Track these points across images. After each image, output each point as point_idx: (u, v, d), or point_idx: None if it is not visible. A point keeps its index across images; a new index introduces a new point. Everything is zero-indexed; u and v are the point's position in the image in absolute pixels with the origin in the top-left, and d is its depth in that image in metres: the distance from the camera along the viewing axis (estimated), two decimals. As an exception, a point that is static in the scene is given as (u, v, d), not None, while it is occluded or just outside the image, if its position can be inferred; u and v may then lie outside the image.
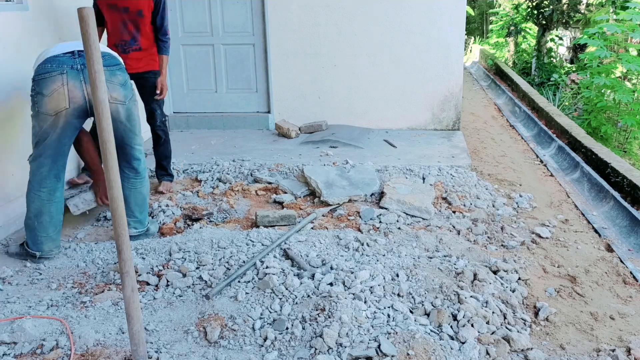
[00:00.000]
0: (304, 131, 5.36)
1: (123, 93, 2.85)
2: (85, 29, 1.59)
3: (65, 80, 2.67)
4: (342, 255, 2.82)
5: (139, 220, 3.14)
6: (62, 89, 2.67)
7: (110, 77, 2.75)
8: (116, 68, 2.84)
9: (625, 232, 3.27)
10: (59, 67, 2.68)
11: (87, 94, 2.72)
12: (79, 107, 2.74)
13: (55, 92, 2.67)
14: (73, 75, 2.69)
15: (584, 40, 7.51)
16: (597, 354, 2.10)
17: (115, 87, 2.80)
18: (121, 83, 2.84)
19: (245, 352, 2.08)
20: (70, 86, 2.68)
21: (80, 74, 2.70)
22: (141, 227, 3.15)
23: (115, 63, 2.85)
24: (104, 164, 1.72)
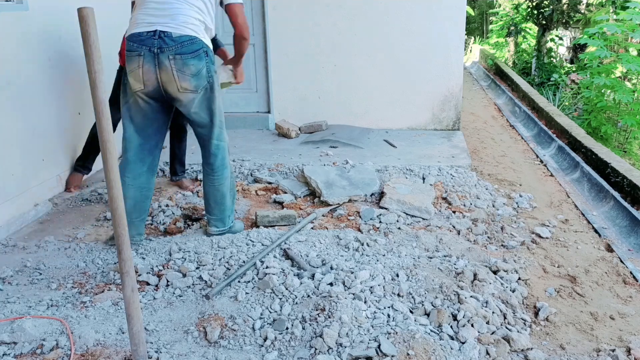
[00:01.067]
0: (304, 131, 5.36)
1: (195, 83, 2.71)
2: (85, 29, 1.59)
3: (141, 62, 2.63)
4: (342, 255, 2.82)
5: (220, 219, 3.03)
6: (138, 70, 2.64)
7: (182, 67, 2.65)
8: (191, 56, 2.66)
9: (625, 232, 3.27)
10: (139, 48, 2.62)
11: (160, 79, 2.66)
12: (155, 90, 2.70)
13: (133, 71, 2.66)
14: (149, 59, 2.62)
15: (584, 40, 7.51)
16: (597, 354, 2.10)
17: (185, 78, 2.68)
18: (193, 73, 2.69)
19: (245, 352, 2.08)
20: (145, 69, 2.64)
21: (155, 59, 2.62)
22: (222, 226, 3.05)
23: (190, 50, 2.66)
24: (104, 164, 1.72)
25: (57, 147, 3.87)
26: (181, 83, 2.66)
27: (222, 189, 2.99)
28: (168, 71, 2.63)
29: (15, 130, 3.40)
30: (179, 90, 2.68)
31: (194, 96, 2.74)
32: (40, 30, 3.65)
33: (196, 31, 2.68)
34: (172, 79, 2.64)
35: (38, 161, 3.64)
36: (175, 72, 2.63)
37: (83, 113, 4.16)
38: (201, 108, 2.80)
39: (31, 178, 3.56)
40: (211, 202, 3.01)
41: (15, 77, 3.40)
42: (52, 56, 3.77)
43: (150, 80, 2.66)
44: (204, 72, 2.71)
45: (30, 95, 3.56)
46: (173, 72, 2.63)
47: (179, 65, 2.62)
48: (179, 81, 2.65)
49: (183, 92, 2.69)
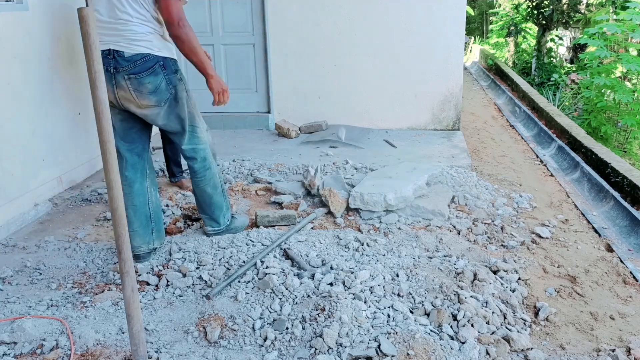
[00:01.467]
0: (304, 131, 5.36)
1: (155, 99, 2.63)
2: (85, 29, 1.59)
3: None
4: (342, 255, 2.82)
5: (212, 219, 3.01)
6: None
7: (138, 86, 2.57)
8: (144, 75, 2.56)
9: (625, 232, 3.27)
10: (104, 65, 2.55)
11: (118, 98, 2.60)
12: (120, 106, 2.65)
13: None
14: (107, 78, 2.49)
15: (584, 40, 7.52)
16: (597, 354, 2.10)
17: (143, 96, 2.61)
18: (151, 90, 2.60)
19: (245, 352, 2.08)
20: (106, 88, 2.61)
21: (112, 78, 2.54)
22: (217, 226, 3.02)
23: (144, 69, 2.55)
24: (104, 164, 1.72)
25: (57, 147, 3.86)
26: (141, 101, 2.60)
27: (207, 189, 2.96)
28: (126, 90, 2.57)
29: (15, 131, 3.40)
30: (140, 107, 2.63)
31: (158, 110, 2.66)
32: (40, 30, 3.65)
33: (148, 46, 2.53)
34: (131, 98, 2.59)
35: (38, 161, 3.64)
36: (133, 92, 2.57)
37: (83, 113, 4.16)
38: (169, 119, 2.72)
39: (31, 178, 3.56)
40: (200, 203, 3.00)
41: (15, 77, 3.40)
42: (52, 56, 3.77)
43: (111, 97, 2.59)
44: (163, 85, 2.62)
45: (30, 95, 3.56)
46: (130, 91, 2.57)
47: (135, 85, 2.55)
48: (138, 99, 2.59)
49: (145, 108, 2.64)
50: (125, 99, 2.60)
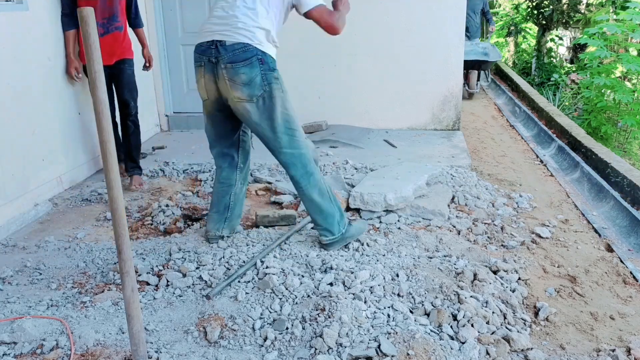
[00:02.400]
0: (304, 131, 5.35)
1: (247, 92, 2.60)
2: (86, 28, 1.58)
3: (203, 72, 2.65)
4: (342, 255, 2.82)
5: (325, 228, 2.82)
6: (201, 81, 2.68)
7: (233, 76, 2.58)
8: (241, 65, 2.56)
9: (625, 232, 3.27)
10: (200, 59, 2.64)
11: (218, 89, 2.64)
12: (217, 100, 2.71)
13: (198, 82, 2.71)
14: (209, 69, 2.61)
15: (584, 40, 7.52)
16: (597, 354, 2.10)
17: (236, 87, 2.60)
18: (244, 82, 2.58)
19: (245, 352, 2.08)
20: (206, 79, 2.65)
21: (214, 68, 2.59)
22: (331, 235, 2.83)
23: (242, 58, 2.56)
24: (104, 164, 1.72)
25: (57, 147, 3.87)
26: (234, 92, 2.59)
27: (314, 197, 2.79)
28: (223, 81, 2.60)
29: (15, 131, 3.40)
30: (233, 100, 2.62)
31: (250, 106, 2.62)
32: (40, 30, 3.65)
33: (251, 38, 2.56)
34: (227, 89, 2.61)
35: (38, 161, 3.64)
36: (227, 82, 2.58)
37: (83, 113, 4.16)
38: (261, 119, 2.65)
39: (31, 178, 3.56)
40: (311, 214, 2.85)
41: (15, 77, 3.40)
42: (52, 56, 3.77)
43: (211, 90, 2.66)
44: (258, 80, 2.58)
45: (30, 95, 3.56)
46: (226, 81, 2.58)
47: (230, 74, 2.56)
48: (232, 90, 2.59)
49: (238, 102, 2.62)
50: (223, 90, 2.63)
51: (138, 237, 3.18)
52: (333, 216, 2.82)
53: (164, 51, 5.63)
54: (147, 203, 3.70)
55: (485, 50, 8.00)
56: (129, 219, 3.45)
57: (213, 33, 2.61)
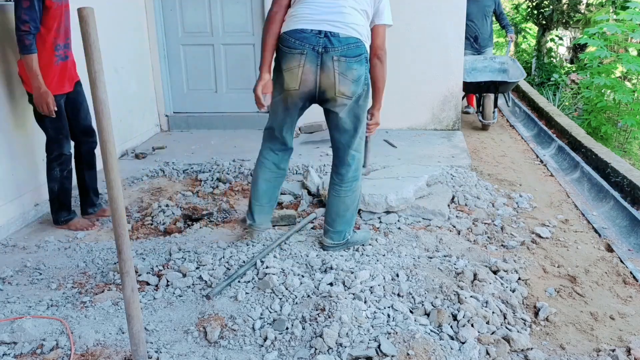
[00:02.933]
0: (304, 131, 5.35)
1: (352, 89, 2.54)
2: (86, 28, 1.59)
3: (303, 61, 2.48)
4: (342, 255, 2.82)
5: (338, 232, 2.81)
6: (297, 70, 2.50)
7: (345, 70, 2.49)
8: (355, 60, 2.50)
9: (625, 232, 3.27)
10: (301, 46, 2.47)
11: (319, 81, 2.51)
12: (309, 92, 2.56)
13: (290, 70, 2.51)
14: (312, 58, 2.47)
15: (584, 40, 7.52)
16: (597, 354, 2.10)
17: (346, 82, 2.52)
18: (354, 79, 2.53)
19: (245, 352, 2.08)
20: (306, 69, 2.49)
21: (318, 59, 2.47)
22: (338, 240, 2.83)
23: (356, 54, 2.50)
24: (104, 164, 1.72)
25: (57, 147, 3.86)
26: (340, 87, 2.50)
27: (347, 201, 2.79)
28: (330, 73, 2.48)
29: (15, 131, 3.40)
30: (335, 95, 2.53)
31: (348, 103, 2.57)
32: (40, 30, 3.64)
33: (362, 33, 2.52)
34: (332, 83, 2.49)
35: (38, 161, 3.63)
36: (337, 75, 2.48)
37: (83, 113, 4.15)
38: (349, 116, 2.63)
39: (31, 178, 3.55)
40: (333, 214, 2.80)
41: (15, 77, 3.40)
42: (52, 56, 3.76)
43: (308, 80, 2.51)
44: (362, 78, 2.55)
45: (30, 95, 3.55)
46: (335, 74, 2.48)
47: (342, 68, 2.47)
48: (339, 85, 2.50)
49: (339, 97, 2.54)
50: (326, 83, 2.50)
51: (138, 237, 3.18)
52: (350, 225, 2.85)
53: (164, 51, 5.63)
54: (147, 203, 3.70)
55: (503, 66, 6.15)
56: (129, 219, 3.45)
57: (320, 22, 2.47)
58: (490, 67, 6.15)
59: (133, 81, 5.12)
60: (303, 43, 2.46)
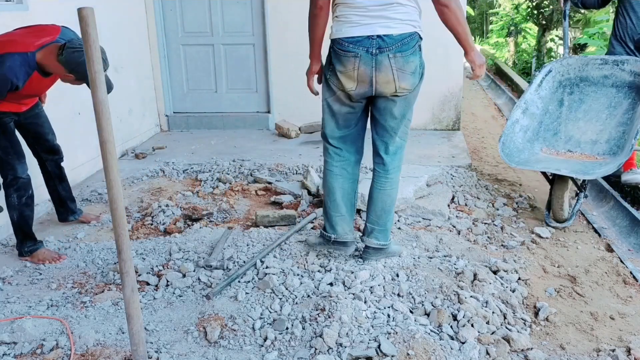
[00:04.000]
0: (304, 131, 5.36)
1: (412, 81, 2.48)
2: (86, 29, 1.58)
3: (357, 63, 2.43)
4: (341, 255, 2.82)
5: (383, 231, 2.67)
6: (353, 72, 2.45)
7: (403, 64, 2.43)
8: (409, 52, 2.43)
9: (625, 232, 3.26)
10: (355, 49, 2.42)
11: (375, 81, 2.44)
12: (365, 92, 2.51)
13: (347, 72, 2.47)
14: (366, 60, 2.41)
15: (584, 40, 7.52)
16: (597, 354, 2.10)
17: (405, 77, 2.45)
18: (412, 71, 2.46)
19: (245, 352, 2.08)
20: (361, 71, 2.43)
21: (373, 59, 2.41)
22: (384, 240, 2.69)
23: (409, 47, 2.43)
24: (104, 164, 1.72)
25: (57, 147, 3.86)
26: (401, 82, 2.44)
27: (392, 194, 2.66)
28: (387, 71, 2.42)
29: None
30: (396, 91, 2.47)
31: (409, 95, 2.52)
32: (40, 30, 3.64)
33: (415, 25, 2.44)
34: (391, 80, 2.43)
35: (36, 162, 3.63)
36: (396, 72, 2.42)
37: (83, 113, 4.16)
38: (403, 104, 2.56)
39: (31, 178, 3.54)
40: (378, 210, 2.66)
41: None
42: (52, 56, 3.76)
43: (364, 82, 2.46)
44: (419, 68, 2.49)
45: (30, 95, 3.55)
46: (393, 71, 2.42)
47: (399, 64, 2.41)
48: (399, 81, 2.44)
49: (401, 92, 2.48)
50: (384, 82, 2.44)
51: (138, 237, 3.18)
52: (392, 222, 2.72)
53: (164, 51, 5.64)
54: (147, 203, 3.70)
55: None
56: (129, 219, 3.45)
57: (371, 25, 2.42)
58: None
59: (133, 81, 5.13)
60: (356, 46, 2.42)
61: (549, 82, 3.65)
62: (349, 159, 2.71)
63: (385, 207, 2.67)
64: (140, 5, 5.32)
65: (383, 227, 2.69)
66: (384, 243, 2.70)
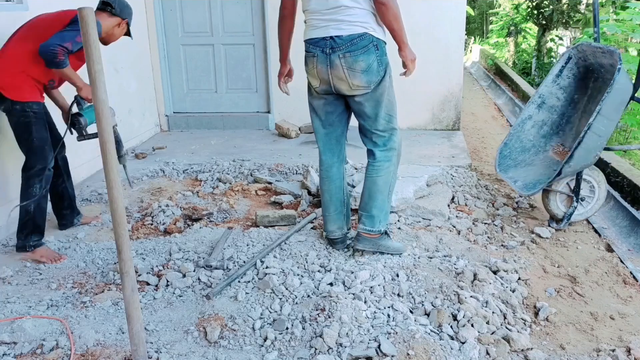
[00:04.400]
0: (304, 131, 5.36)
1: (366, 79, 2.62)
2: (86, 28, 1.59)
3: (315, 62, 2.67)
4: (342, 255, 2.82)
5: (369, 216, 2.78)
6: (313, 70, 2.70)
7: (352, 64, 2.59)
8: (359, 52, 2.58)
9: (625, 232, 3.27)
10: (313, 49, 2.67)
11: (332, 79, 2.65)
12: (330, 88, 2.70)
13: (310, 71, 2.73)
14: (322, 59, 2.63)
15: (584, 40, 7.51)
16: (597, 354, 2.10)
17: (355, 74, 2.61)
18: (363, 69, 2.61)
19: (245, 352, 2.08)
20: (319, 69, 2.66)
21: (327, 59, 2.61)
22: (370, 226, 2.77)
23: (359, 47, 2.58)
24: (104, 164, 1.72)
25: (57, 147, 3.86)
26: (352, 80, 2.62)
27: (379, 181, 2.78)
28: (339, 70, 2.61)
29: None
30: (351, 88, 2.65)
31: (367, 92, 2.66)
32: (40, 30, 3.64)
33: (365, 27, 2.57)
34: (344, 77, 2.62)
35: (38, 161, 3.63)
36: (346, 70, 2.60)
37: (83, 113, 4.15)
38: (369, 103, 2.71)
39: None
40: (365, 197, 2.83)
41: None
42: (52, 56, 3.76)
43: (323, 79, 2.68)
44: (375, 66, 2.61)
45: (30, 95, 3.55)
46: (344, 70, 2.60)
47: (348, 63, 2.58)
48: (350, 79, 2.62)
49: (356, 89, 2.65)
50: (339, 79, 2.64)
51: (138, 237, 3.18)
52: (381, 210, 2.81)
53: (164, 51, 5.64)
54: (147, 203, 3.70)
55: None
56: (129, 219, 3.45)
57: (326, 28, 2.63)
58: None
59: (133, 81, 5.13)
60: (315, 47, 2.66)
61: (572, 70, 3.45)
62: (332, 160, 2.89)
63: (371, 193, 2.79)
64: (140, 5, 5.32)
65: (369, 212, 2.78)
66: (369, 229, 2.77)
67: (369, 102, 2.70)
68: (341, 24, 2.57)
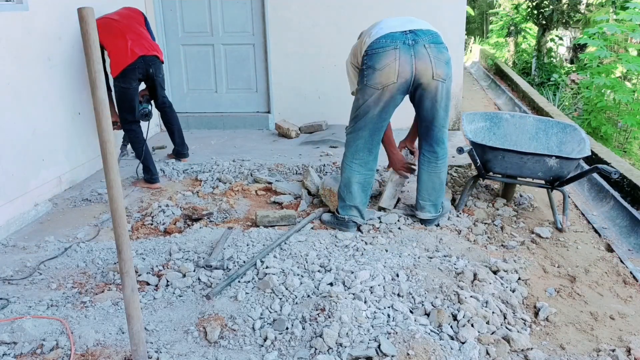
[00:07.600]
0: (304, 131, 5.36)
1: (446, 71, 2.87)
2: (86, 28, 1.58)
3: (397, 54, 2.78)
4: (342, 255, 2.82)
5: (434, 205, 3.18)
6: (394, 63, 2.79)
7: (437, 54, 2.83)
8: (442, 46, 2.87)
9: (625, 232, 3.27)
10: (393, 42, 2.80)
11: (415, 69, 2.80)
12: (406, 82, 2.84)
13: (387, 66, 2.80)
14: (405, 50, 2.79)
15: (584, 40, 7.52)
16: (597, 354, 2.10)
17: (440, 64, 2.83)
18: (446, 61, 2.86)
19: (245, 352, 2.08)
20: (402, 61, 2.79)
21: (411, 49, 2.79)
22: (435, 212, 3.19)
23: (440, 41, 2.89)
24: (104, 164, 1.72)
25: (57, 147, 3.87)
26: (437, 69, 2.81)
27: (442, 176, 3.14)
28: (425, 59, 2.78)
29: (15, 131, 3.40)
30: (433, 77, 2.81)
31: (443, 85, 2.87)
32: (40, 30, 3.65)
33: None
34: (429, 66, 2.79)
35: (38, 161, 3.64)
36: (433, 59, 2.79)
37: (83, 113, 4.16)
38: (447, 97, 2.96)
39: (31, 178, 3.56)
40: (429, 189, 3.14)
41: (15, 77, 3.40)
42: (52, 56, 3.77)
43: (405, 71, 2.79)
44: (450, 62, 2.88)
45: (31, 95, 3.56)
46: (430, 58, 2.78)
47: (435, 52, 2.79)
48: (436, 68, 2.80)
49: (437, 79, 2.83)
50: (423, 68, 2.80)
51: (138, 237, 3.18)
52: (443, 196, 3.21)
53: (164, 51, 5.63)
54: (147, 203, 3.70)
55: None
56: (129, 219, 3.45)
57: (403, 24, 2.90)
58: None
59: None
60: (394, 41, 2.79)
61: None
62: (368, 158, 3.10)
63: (435, 187, 3.15)
64: (140, 5, 5.32)
65: (433, 202, 3.17)
66: (435, 215, 3.20)
67: (446, 96, 2.93)
68: (415, 24, 2.89)
